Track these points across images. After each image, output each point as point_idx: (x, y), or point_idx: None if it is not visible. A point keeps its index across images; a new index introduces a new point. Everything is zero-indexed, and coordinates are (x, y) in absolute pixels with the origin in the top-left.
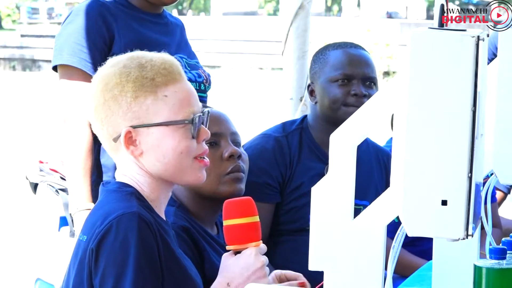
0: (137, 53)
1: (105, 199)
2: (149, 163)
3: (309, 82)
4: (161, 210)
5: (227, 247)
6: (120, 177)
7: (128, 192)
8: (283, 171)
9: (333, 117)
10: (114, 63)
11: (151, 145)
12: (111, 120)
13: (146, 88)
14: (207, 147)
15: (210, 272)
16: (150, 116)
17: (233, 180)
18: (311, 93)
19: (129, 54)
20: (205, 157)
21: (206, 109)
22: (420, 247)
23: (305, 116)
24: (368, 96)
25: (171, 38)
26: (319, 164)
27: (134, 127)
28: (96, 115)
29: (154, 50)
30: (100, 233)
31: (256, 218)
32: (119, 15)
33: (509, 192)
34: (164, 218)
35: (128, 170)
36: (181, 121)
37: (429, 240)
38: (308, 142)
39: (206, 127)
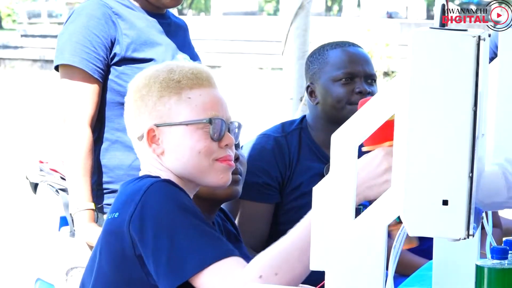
0: (173, 61)
1: (132, 182)
2: (170, 162)
3: (308, 83)
4: None
5: (363, 149)
6: (144, 173)
7: (155, 177)
8: (282, 171)
9: (337, 117)
10: (149, 69)
11: (172, 144)
12: (138, 120)
13: (171, 89)
14: (230, 153)
15: None
16: (172, 116)
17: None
18: (311, 93)
19: (166, 62)
20: (231, 160)
21: (237, 122)
22: (420, 247)
23: (304, 116)
24: (371, 93)
25: (173, 39)
26: (318, 164)
27: (157, 125)
28: (127, 117)
29: (156, 50)
30: (138, 204)
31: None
32: (121, 15)
33: None
34: None
35: (152, 167)
36: (199, 121)
37: (429, 240)
38: (308, 142)
39: (236, 138)
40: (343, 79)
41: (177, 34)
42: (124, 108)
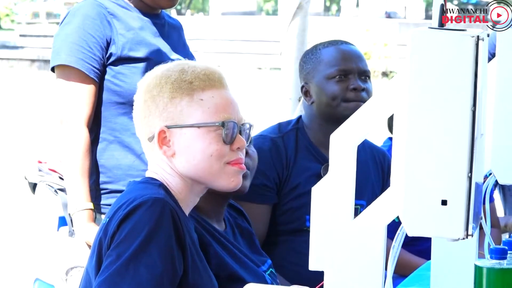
0: (184, 61)
1: (133, 188)
2: (180, 164)
3: (302, 83)
4: (186, 210)
5: None
6: (150, 174)
7: (156, 184)
8: (279, 172)
9: (333, 114)
10: (160, 68)
11: (183, 146)
12: (148, 120)
13: (183, 90)
14: (241, 156)
15: (217, 267)
16: (183, 117)
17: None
18: (306, 93)
19: (176, 61)
20: (242, 162)
21: (248, 123)
22: (419, 247)
23: (301, 117)
24: (366, 89)
25: (168, 39)
26: (315, 165)
27: (168, 127)
28: (137, 116)
29: (151, 50)
30: (123, 214)
31: None
32: (116, 15)
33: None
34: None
35: (159, 169)
36: (212, 123)
37: (428, 240)
38: (305, 142)
39: (247, 139)
40: (337, 76)
41: (172, 34)
42: (133, 107)
